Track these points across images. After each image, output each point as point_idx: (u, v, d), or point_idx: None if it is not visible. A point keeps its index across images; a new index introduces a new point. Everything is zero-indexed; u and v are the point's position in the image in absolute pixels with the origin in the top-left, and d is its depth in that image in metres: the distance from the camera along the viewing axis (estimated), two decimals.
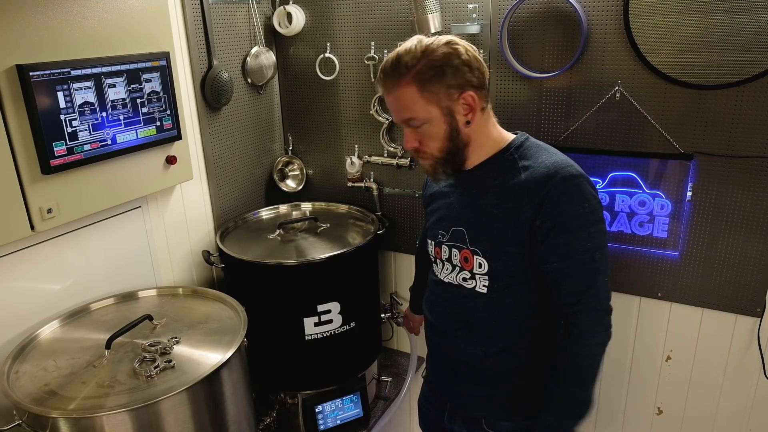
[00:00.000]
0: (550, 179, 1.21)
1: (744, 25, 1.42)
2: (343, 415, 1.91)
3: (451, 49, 1.20)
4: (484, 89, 1.25)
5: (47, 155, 1.32)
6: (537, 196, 1.21)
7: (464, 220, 1.33)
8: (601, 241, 1.24)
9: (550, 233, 1.21)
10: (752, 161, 1.53)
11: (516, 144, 1.30)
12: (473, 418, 1.45)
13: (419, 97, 1.20)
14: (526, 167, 1.25)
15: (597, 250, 1.23)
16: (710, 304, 1.70)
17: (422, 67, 1.18)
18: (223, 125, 1.99)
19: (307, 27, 2.06)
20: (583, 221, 1.22)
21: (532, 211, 1.21)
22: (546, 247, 1.23)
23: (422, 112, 1.22)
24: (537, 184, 1.22)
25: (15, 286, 1.42)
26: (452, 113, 1.23)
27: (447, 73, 1.19)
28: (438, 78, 1.19)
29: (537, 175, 1.22)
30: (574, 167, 1.24)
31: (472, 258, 1.32)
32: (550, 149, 1.30)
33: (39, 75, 1.27)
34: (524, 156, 1.27)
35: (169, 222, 1.83)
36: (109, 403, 1.19)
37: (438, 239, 1.40)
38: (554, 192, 1.20)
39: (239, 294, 1.64)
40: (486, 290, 1.32)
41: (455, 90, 1.20)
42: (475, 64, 1.22)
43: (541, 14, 1.66)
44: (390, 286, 2.28)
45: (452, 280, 1.38)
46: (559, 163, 1.23)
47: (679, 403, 1.86)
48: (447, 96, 1.20)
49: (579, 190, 1.21)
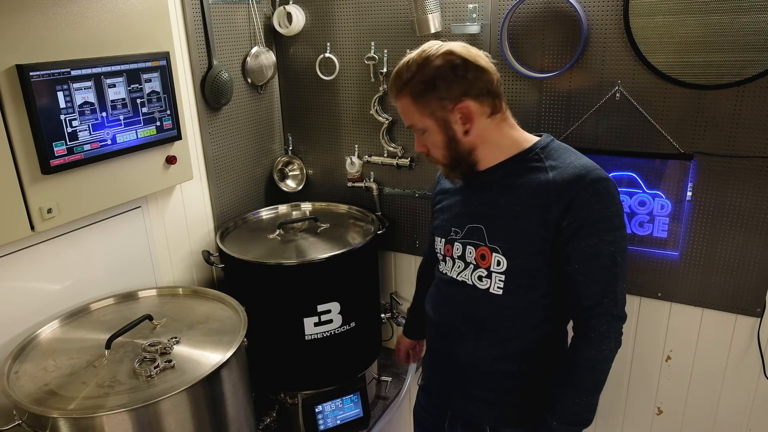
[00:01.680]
0: (581, 180, 1.21)
1: (744, 25, 1.42)
2: (343, 415, 1.91)
3: (445, 60, 1.20)
4: (490, 95, 1.24)
5: (47, 155, 1.32)
6: (566, 195, 1.21)
7: (483, 218, 1.32)
8: (623, 246, 1.25)
9: (577, 234, 1.21)
10: (752, 161, 1.53)
11: (542, 144, 1.29)
12: (476, 426, 1.43)
13: (414, 108, 1.24)
14: (554, 167, 1.25)
15: (619, 255, 1.23)
16: (710, 304, 1.70)
17: (415, 81, 1.22)
18: (223, 125, 1.99)
19: (307, 27, 2.06)
20: (610, 225, 1.22)
21: (561, 210, 1.21)
22: (570, 248, 1.22)
23: (419, 122, 1.26)
24: (567, 183, 1.21)
25: (15, 286, 1.42)
26: (448, 123, 1.24)
27: (438, 87, 1.21)
28: (429, 92, 1.21)
29: (567, 175, 1.22)
30: (602, 171, 1.24)
31: (491, 255, 1.30)
32: (575, 151, 1.30)
33: (39, 75, 1.27)
34: (551, 156, 1.27)
35: (169, 222, 1.83)
36: (109, 403, 1.19)
37: (450, 236, 1.38)
38: (584, 193, 1.20)
39: (239, 294, 1.64)
40: (501, 291, 1.30)
41: (449, 102, 1.22)
42: (477, 74, 1.21)
43: (541, 14, 1.66)
44: (390, 286, 2.28)
45: (466, 278, 1.35)
46: (588, 165, 1.24)
47: (679, 403, 1.86)
48: (440, 108, 1.22)
49: (608, 193, 1.22)
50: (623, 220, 1.25)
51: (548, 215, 1.22)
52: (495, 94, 1.25)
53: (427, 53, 1.22)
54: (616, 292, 1.25)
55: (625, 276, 1.27)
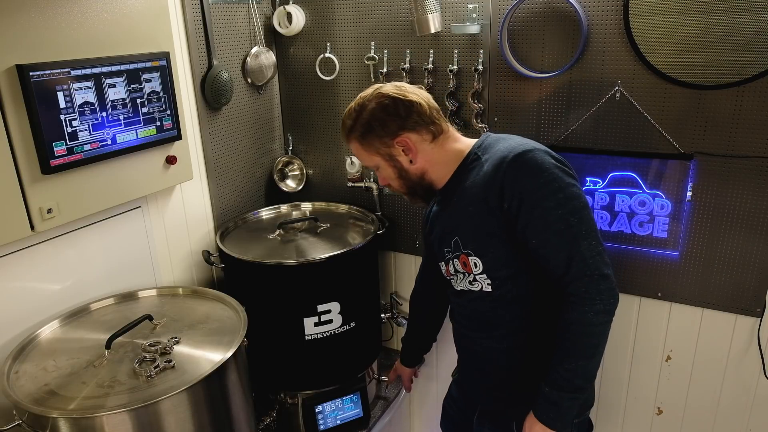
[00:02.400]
0: (504, 161, 1.25)
1: (744, 25, 1.42)
2: (343, 415, 1.91)
3: (377, 103, 1.32)
4: (425, 123, 1.34)
5: (47, 155, 1.32)
6: (497, 180, 1.25)
7: (454, 228, 1.38)
8: (572, 206, 1.22)
9: (520, 212, 1.23)
10: (752, 161, 1.53)
11: (477, 144, 1.37)
12: (504, 422, 1.45)
13: (362, 150, 1.38)
14: (487, 159, 1.30)
15: (570, 215, 1.22)
16: (710, 304, 1.70)
17: (356, 126, 1.35)
18: (223, 125, 1.99)
19: (307, 27, 2.06)
20: (546, 190, 1.22)
21: (497, 196, 1.25)
22: (521, 226, 1.24)
23: (369, 161, 1.39)
24: (494, 169, 1.26)
25: (15, 286, 1.42)
26: (394, 157, 1.36)
27: (374, 128, 1.33)
28: (369, 133, 1.34)
29: (494, 161, 1.27)
30: (527, 144, 1.27)
31: (468, 260, 1.35)
32: (510, 137, 1.34)
33: (39, 75, 1.27)
34: (486, 150, 1.33)
35: (169, 222, 1.83)
36: (109, 403, 1.19)
37: (446, 257, 1.43)
38: (510, 171, 1.24)
39: (239, 294, 1.64)
40: (491, 288, 1.34)
41: (388, 138, 1.33)
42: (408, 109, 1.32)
43: (541, 14, 1.66)
44: (390, 286, 2.28)
45: (464, 286, 1.40)
46: (512, 145, 1.28)
47: (679, 403, 1.86)
48: (383, 144, 1.34)
49: (534, 162, 1.23)
50: (565, 181, 1.23)
51: (490, 204, 1.27)
52: (430, 121, 1.34)
53: (362, 99, 1.35)
54: (582, 253, 1.21)
55: (591, 234, 1.23)
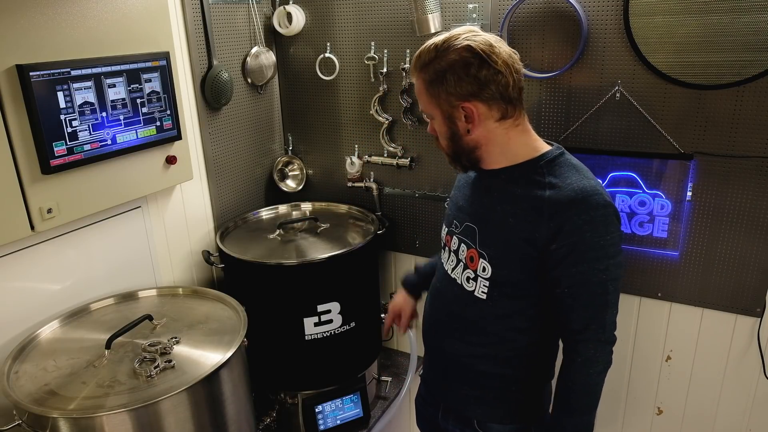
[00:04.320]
0: (576, 205, 1.16)
1: (744, 25, 1.42)
2: (343, 415, 1.91)
3: (461, 56, 1.16)
4: (503, 100, 1.19)
5: (47, 155, 1.32)
6: (558, 218, 1.17)
7: (478, 219, 1.31)
8: (616, 274, 1.21)
9: (566, 259, 1.18)
10: (752, 161, 1.53)
11: (548, 157, 1.24)
12: (465, 418, 1.44)
13: (424, 92, 1.23)
14: (553, 185, 1.20)
15: (611, 283, 1.20)
16: (710, 304, 1.70)
17: (430, 67, 1.19)
18: (223, 125, 1.99)
19: (307, 27, 2.06)
20: (603, 253, 1.18)
21: (550, 232, 1.17)
22: (559, 272, 1.20)
23: (427, 106, 1.25)
24: (560, 206, 1.17)
25: (15, 286, 1.42)
26: (452, 118, 1.22)
27: (448, 81, 1.17)
28: (438, 83, 1.18)
29: (562, 197, 1.17)
30: (602, 195, 1.19)
31: (478, 260, 1.30)
32: (582, 169, 1.24)
33: (39, 75, 1.27)
34: (553, 172, 1.22)
35: (169, 222, 1.83)
36: (109, 403, 1.19)
37: (451, 228, 1.38)
38: (578, 219, 1.16)
39: (239, 294, 1.64)
40: (485, 296, 1.30)
41: (455, 98, 1.18)
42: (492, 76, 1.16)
43: (541, 14, 1.66)
44: (390, 286, 2.28)
45: (457, 277, 1.36)
46: (586, 189, 1.18)
47: (679, 403, 1.86)
48: (446, 102, 1.20)
49: (604, 221, 1.17)
50: (619, 248, 1.21)
51: (537, 235, 1.19)
52: (508, 99, 1.19)
53: (449, 42, 1.17)
54: (605, 320, 1.22)
55: (617, 302, 1.24)
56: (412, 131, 2.00)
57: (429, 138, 1.96)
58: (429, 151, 1.99)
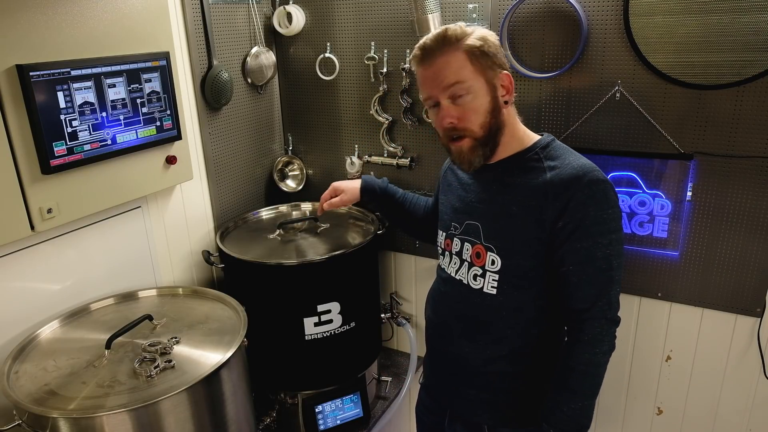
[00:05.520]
0: (578, 181, 1.21)
1: (744, 25, 1.42)
2: (343, 415, 1.91)
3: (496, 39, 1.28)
4: None
5: (47, 155, 1.32)
6: (563, 196, 1.21)
7: (480, 215, 1.32)
8: (619, 250, 1.24)
9: (572, 236, 1.21)
10: (752, 161, 1.53)
11: (542, 144, 1.31)
12: (474, 424, 1.43)
13: (469, 63, 1.23)
14: (552, 167, 1.25)
15: (615, 258, 1.23)
16: (710, 304, 1.70)
17: (470, 39, 1.24)
18: (223, 125, 1.99)
19: (307, 27, 2.06)
20: (605, 227, 1.21)
21: (556, 211, 1.21)
22: (565, 249, 1.22)
23: (470, 78, 1.23)
24: (563, 184, 1.22)
25: (15, 286, 1.42)
26: (495, 87, 1.26)
27: (492, 54, 1.25)
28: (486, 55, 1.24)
29: (564, 176, 1.23)
30: (600, 172, 1.24)
31: (485, 254, 1.30)
32: (575, 152, 1.30)
33: (39, 75, 1.27)
34: (550, 156, 1.28)
35: (169, 222, 1.83)
36: (109, 403, 1.19)
37: (450, 231, 1.39)
38: (581, 194, 1.20)
39: (239, 294, 1.64)
40: (495, 291, 1.31)
41: (498, 67, 1.26)
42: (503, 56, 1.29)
43: (541, 14, 1.66)
44: (390, 286, 2.28)
45: (462, 278, 1.36)
46: (585, 166, 1.24)
47: (679, 403, 1.86)
48: (492, 70, 1.25)
49: (605, 195, 1.22)
50: (620, 223, 1.25)
51: (543, 216, 1.23)
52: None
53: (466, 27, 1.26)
54: (611, 296, 1.24)
55: (620, 280, 1.26)
56: (412, 131, 2.00)
57: (429, 138, 1.97)
58: (429, 151, 1.99)
